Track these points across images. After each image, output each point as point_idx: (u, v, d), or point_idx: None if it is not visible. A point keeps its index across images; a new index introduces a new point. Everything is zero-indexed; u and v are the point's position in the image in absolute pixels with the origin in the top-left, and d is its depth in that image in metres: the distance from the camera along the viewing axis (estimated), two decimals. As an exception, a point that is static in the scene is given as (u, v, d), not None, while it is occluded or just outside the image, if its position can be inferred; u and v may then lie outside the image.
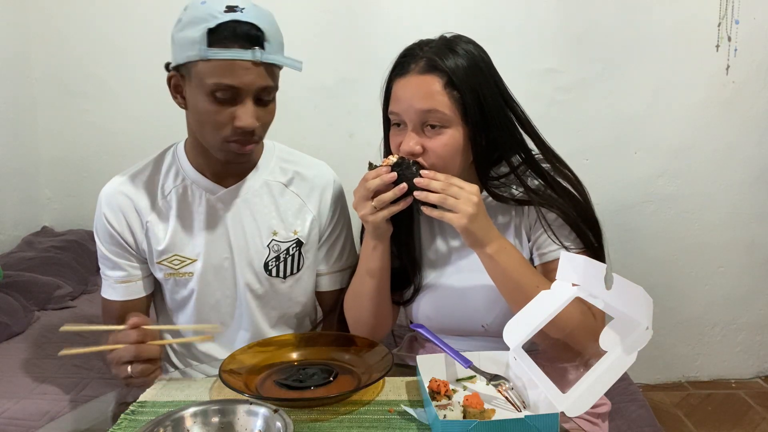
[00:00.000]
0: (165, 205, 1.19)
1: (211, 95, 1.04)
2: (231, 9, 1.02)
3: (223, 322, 1.23)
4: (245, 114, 1.05)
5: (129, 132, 2.44)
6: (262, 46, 1.03)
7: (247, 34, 1.02)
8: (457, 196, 1.00)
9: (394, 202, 1.03)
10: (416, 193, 1.01)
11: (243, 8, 1.03)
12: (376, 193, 1.03)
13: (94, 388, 1.48)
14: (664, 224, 2.50)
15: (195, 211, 1.19)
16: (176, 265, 1.19)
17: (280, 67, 1.10)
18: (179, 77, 1.09)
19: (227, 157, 1.12)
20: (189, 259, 1.19)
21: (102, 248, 1.20)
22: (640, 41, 2.37)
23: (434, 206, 1.02)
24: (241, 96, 1.05)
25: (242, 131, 1.07)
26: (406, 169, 1.02)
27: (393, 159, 1.04)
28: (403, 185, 1.02)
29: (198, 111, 1.08)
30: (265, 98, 1.09)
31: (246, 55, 1.02)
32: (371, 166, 1.05)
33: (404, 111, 1.06)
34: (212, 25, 1.01)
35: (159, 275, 1.20)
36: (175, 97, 1.12)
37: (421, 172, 1.02)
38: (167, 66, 1.12)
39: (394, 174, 1.02)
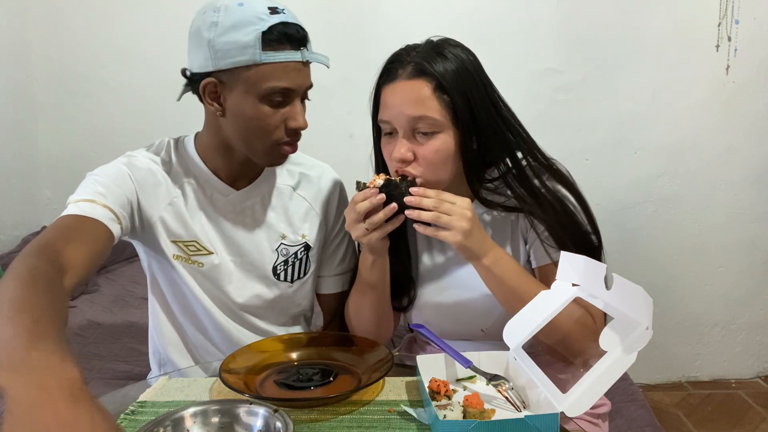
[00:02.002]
0: (186, 192, 1.16)
1: (265, 99, 1.03)
2: (274, 11, 1.01)
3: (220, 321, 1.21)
4: (299, 114, 1.07)
5: (129, 132, 2.45)
6: (306, 46, 1.05)
7: (295, 36, 1.03)
8: (450, 213, 0.98)
9: (388, 220, 1.02)
10: (408, 212, 0.99)
11: (283, 9, 1.03)
12: (368, 214, 1.02)
13: (94, 388, 1.47)
14: (664, 224, 2.50)
15: (203, 210, 1.17)
16: (191, 251, 1.16)
17: None
18: (217, 83, 1.04)
19: (272, 161, 1.13)
20: (206, 250, 1.16)
21: (104, 180, 1.06)
22: (640, 41, 2.37)
23: (427, 223, 1.00)
24: (292, 97, 1.05)
25: (295, 131, 1.08)
26: (395, 189, 1.00)
27: (379, 181, 1.01)
28: (393, 206, 1.00)
29: (246, 117, 1.05)
30: (306, 97, 1.10)
31: (296, 56, 1.03)
32: (359, 186, 1.03)
33: (394, 118, 1.04)
34: (264, 28, 0.99)
35: (169, 254, 1.15)
36: (210, 105, 1.07)
37: (411, 189, 1.00)
38: (184, 72, 1.08)
39: (383, 196, 1.00)
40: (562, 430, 0.80)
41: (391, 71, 1.06)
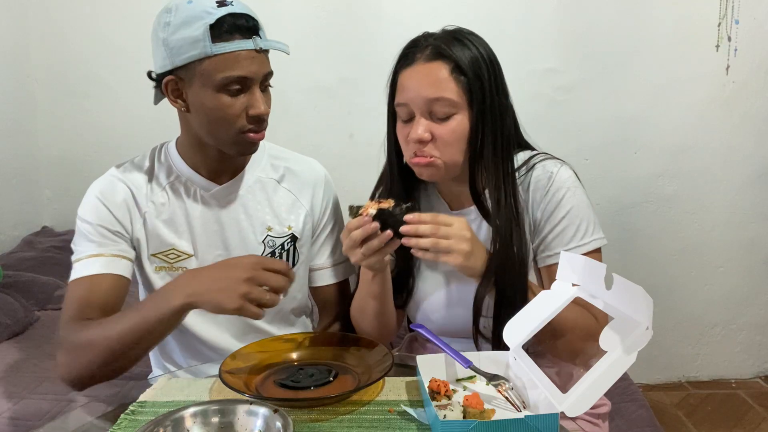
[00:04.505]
0: (162, 198, 1.19)
1: (222, 90, 1.06)
2: (222, 3, 1.04)
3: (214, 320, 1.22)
4: (258, 101, 1.09)
5: (129, 132, 2.45)
6: (258, 35, 1.07)
7: (245, 25, 1.05)
8: (448, 236, 0.97)
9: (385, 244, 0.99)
10: (405, 241, 0.97)
11: (231, 1, 1.05)
12: (365, 239, 0.99)
13: (94, 388, 1.47)
14: (664, 224, 2.50)
15: (189, 208, 1.19)
16: (172, 259, 1.19)
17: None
18: (177, 81, 1.08)
19: (241, 150, 1.14)
20: (185, 254, 1.19)
21: (90, 228, 1.14)
22: (640, 41, 2.36)
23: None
24: (249, 85, 1.08)
25: (257, 119, 1.10)
26: (389, 217, 0.97)
27: (372, 210, 0.98)
28: (388, 233, 0.97)
29: (207, 109, 1.08)
30: (266, 84, 1.12)
31: (248, 44, 1.05)
32: (352, 211, 1.01)
33: (412, 100, 1.06)
34: (211, 21, 1.03)
35: (149, 269, 1.19)
36: (174, 102, 1.11)
37: (406, 218, 0.97)
38: (150, 74, 1.12)
39: (377, 224, 0.97)
40: (562, 430, 0.80)
41: (408, 56, 1.08)
